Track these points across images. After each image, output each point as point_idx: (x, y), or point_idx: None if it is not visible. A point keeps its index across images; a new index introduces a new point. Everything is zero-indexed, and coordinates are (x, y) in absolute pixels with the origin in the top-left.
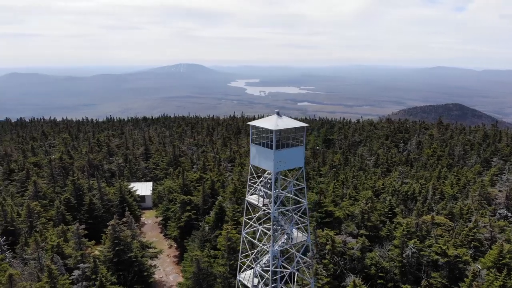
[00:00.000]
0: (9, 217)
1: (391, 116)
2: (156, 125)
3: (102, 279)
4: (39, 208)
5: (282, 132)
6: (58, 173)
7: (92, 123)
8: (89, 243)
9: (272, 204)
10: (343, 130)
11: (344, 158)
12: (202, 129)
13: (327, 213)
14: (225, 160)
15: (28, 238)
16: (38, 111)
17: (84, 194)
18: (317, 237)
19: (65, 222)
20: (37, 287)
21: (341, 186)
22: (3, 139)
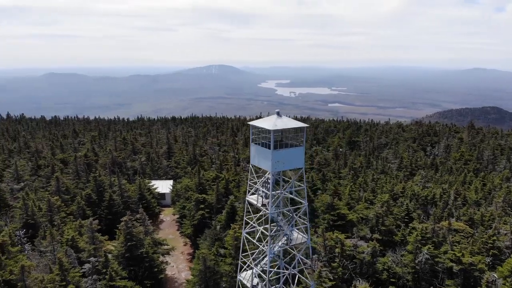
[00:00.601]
0: (30, 211)
1: (426, 119)
2: (183, 125)
3: (112, 273)
4: (60, 203)
5: (283, 132)
6: (82, 170)
7: (123, 122)
8: (102, 238)
9: (270, 204)
10: (369, 132)
11: (366, 161)
12: (226, 129)
13: (339, 215)
14: (244, 160)
15: (47, 232)
16: (74, 110)
17: (105, 191)
18: (325, 239)
19: (85, 217)
20: (48, 278)
21: (358, 189)
22: (36, 136)
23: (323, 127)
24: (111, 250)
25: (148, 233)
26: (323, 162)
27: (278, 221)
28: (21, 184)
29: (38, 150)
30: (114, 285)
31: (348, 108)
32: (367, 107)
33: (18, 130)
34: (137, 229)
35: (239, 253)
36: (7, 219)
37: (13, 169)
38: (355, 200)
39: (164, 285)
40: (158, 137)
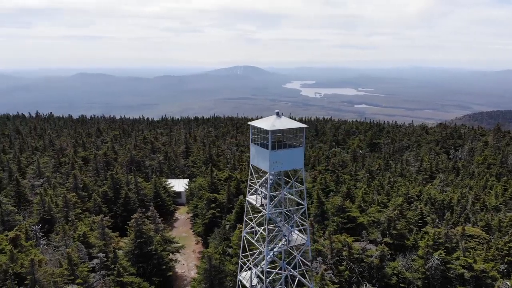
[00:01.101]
0: (46, 207)
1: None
2: (205, 125)
3: (120, 269)
4: (75, 199)
5: (284, 133)
6: (102, 168)
7: (146, 121)
8: (113, 234)
9: (268, 204)
10: (391, 134)
11: (385, 163)
12: (246, 130)
13: (349, 218)
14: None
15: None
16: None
17: (121, 188)
18: (332, 242)
19: (101, 214)
20: (57, 272)
21: (373, 192)
22: (62, 134)
23: (344, 128)
24: (122, 246)
25: (158, 230)
26: (340, 163)
27: (277, 222)
28: (40, 180)
29: (62, 148)
30: (122, 281)
31: (375, 109)
32: (394, 108)
33: (44, 128)
34: (147, 227)
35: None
36: (25, 214)
37: (35, 166)
38: (368, 203)
39: (173, 282)
40: (178, 136)
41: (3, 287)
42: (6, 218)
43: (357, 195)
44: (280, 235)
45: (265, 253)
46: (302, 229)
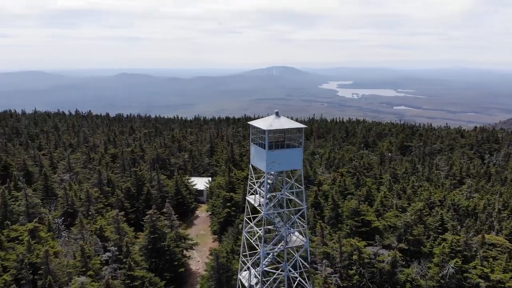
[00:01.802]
0: (70, 201)
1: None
2: (235, 125)
3: (131, 263)
4: (98, 194)
5: (280, 133)
6: (128, 164)
7: (179, 121)
8: (128, 229)
9: (264, 205)
10: (423, 137)
11: (412, 167)
12: None
13: (363, 222)
14: None
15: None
16: (143, 108)
17: (144, 185)
18: (342, 245)
19: (123, 209)
20: (70, 264)
21: (393, 196)
22: (96, 131)
23: (375, 130)
24: (137, 241)
25: (173, 227)
26: (366, 166)
27: (275, 222)
28: (67, 175)
29: (95, 144)
30: (132, 275)
31: (415, 111)
32: (435, 111)
33: (80, 126)
34: (161, 223)
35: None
36: (51, 207)
37: (66, 162)
38: (387, 207)
39: (186, 278)
40: (205, 136)
41: (19, 275)
42: (31, 211)
43: (377, 199)
44: (279, 235)
45: (261, 254)
46: (301, 231)
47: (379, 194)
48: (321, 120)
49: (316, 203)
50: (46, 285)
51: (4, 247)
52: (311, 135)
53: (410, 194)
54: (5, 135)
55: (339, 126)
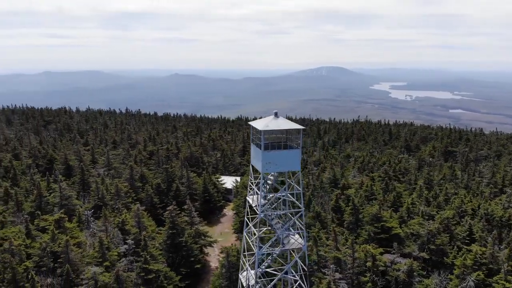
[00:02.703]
0: (100, 194)
1: None
2: None
3: (147, 257)
4: (127, 189)
5: (281, 134)
6: (162, 161)
7: (222, 120)
8: (149, 223)
9: (260, 205)
10: (470, 142)
11: (451, 173)
12: (313, 131)
13: (383, 228)
14: (312, 163)
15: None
16: (194, 108)
17: (173, 181)
18: (354, 251)
19: (152, 204)
20: (88, 254)
21: (421, 203)
22: (141, 129)
23: (421, 134)
24: (157, 236)
25: (193, 224)
26: (402, 171)
27: (272, 224)
28: (102, 169)
29: (138, 142)
30: (147, 268)
31: (471, 115)
32: (493, 115)
33: (127, 124)
34: (181, 219)
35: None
36: (85, 200)
37: (105, 157)
38: (414, 214)
39: (202, 275)
40: (239, 135)
41: (40, 262)
42: (64, 202)
43: (403, 205)
44: (274, 237)
45: (256, 255)
46: (300, 233)
47: (406, 200)
48: (366, 122)
49: (337, 207)
50: (64, 273)
51: (32, 236)
52: (351, 137)
53: (440, 202)
54: (57, 130)
55: (383, 128)
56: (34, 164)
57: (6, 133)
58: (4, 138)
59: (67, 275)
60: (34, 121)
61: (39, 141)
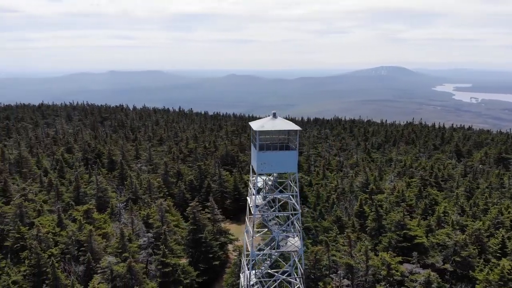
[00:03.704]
0: (133, 188)
1: None
2: (322, 126)
3: (165, 251)
4: (160, 184)
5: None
6: (198, 159)
7: None
8: (172, 218)
9: (254, 206)
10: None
11: (498, 181)
12: (360, 133)
13: (406, 237)
14: (349, 166)
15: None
16: (249, 108)
17: (206, 178)
18: (368, 258)
19: (184, 200)
20: (109, 245)
21: (457, 212)
22: (188, 128)
23: (475, 139)
24: (179, 230)
25: (215, 221)
26: (445, 177)
27: (268, 225)
28: (140, 165)
29: (182, 139)
30: (164, 261)
31: None
32: None
33: (177, 122)
34: (203, 215)
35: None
36: (121, 193)
37: (147, 153)
38: (445, 223)
39: (222, 272)
40: None
41: (65, 250)
42: (100, 194)
43: (435, 213)
44: (268, 239)
45: (251, 255)
46: (298, 236)
47: (437, 208)
48: (419, 124)
49: (360, 212)
50: (85, 261)
51: (63, 225)
52: (399, 141)
53: (476, 211)
54: (111, 127)
55: (436, 132)
56: (84, 157)
57: (64, 128)
58: (63, 132)
59: (88, 263)
60: (92, 117)
61: (93, 136)
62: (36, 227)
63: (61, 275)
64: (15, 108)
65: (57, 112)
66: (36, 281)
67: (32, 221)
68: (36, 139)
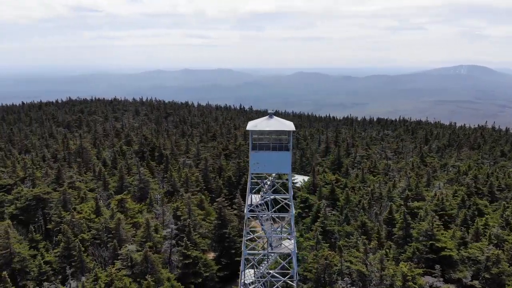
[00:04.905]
0: (172, 181)
1: None
2: (386, 127)
3: (187, 243)
4: (196, 179)
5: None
6: (240, 156)
7: (327, 120)
8: (199, 212)
9: (246, 205)
10: None
11: None
12: (420, 136)
13: (432, 248)
14: (396, 170)
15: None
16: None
17: (243, 175)
18: (383, 267)
19: (220, 195)
20: (136, 233)
21: (495, 224)
22: (242, 125)
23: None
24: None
25: (242, 218)
26: (502, 187)
27: (263, 226)
28: (184, 159)
29: (233, 136)
30: (186, 253)
31: None
32: None
33: (232, 119)
34: (229, 211)
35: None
36: (162, 185)
37: (196, 148)
38: (481, 236)
39: None
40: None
41: (97, 235)
42: (141, 185)
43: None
44: (260, 239)
45: (243, 254)
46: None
47: (476, 220)
48: (491, 129)
49: (389, 219)
50: (111, 247)
51: (100, 212)
52: (464, 145)
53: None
54: (173, 122)
55: (508, 138)
56: (140, 150)
57: (131, 122)
58: (129, 126)
59: (113, 250)
60: (157, 112)
61: (155, 130)
62: (71, 213)
63: (86, 258)
64: (90, 102)
65: (126, 107)
66: (66, 262)
67: (74, 207)
68: (104, 131)
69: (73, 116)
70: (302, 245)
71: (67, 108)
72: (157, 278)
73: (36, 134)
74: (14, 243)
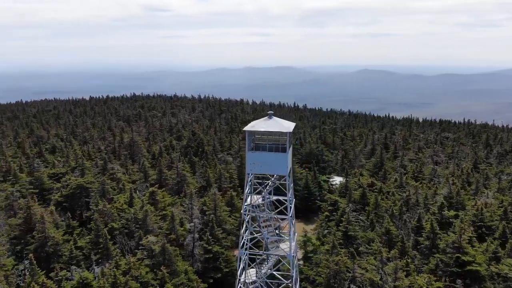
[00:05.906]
0: (206, 177)
1: None
2: (446, 129)
3: (209, 238)
4: (228, 175)
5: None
6: None
7: (385, 119)
8: (224, 208)
9: (243, 205)
10: None
11: None
12: (482, 140)
13: (458, 261)
14: (441, 176)
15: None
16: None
17: None
18: (397, 278)
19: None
20: (162, 225)
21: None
22: None
23: None
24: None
25: None
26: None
27: (261, 226)
28: (223, 155)
29: None
30: (206, 248)
31: None
32: None
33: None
34: None
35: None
36: (200, 179)
37: (238, 145)
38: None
39: None
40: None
41: (126, 225)
42: (178, 179)
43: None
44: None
45: (240, 253)
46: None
47: None
48: None
49: (417, 228)
50: (137, 237)
51: (132, 203)
52: None
53: None
54: (225, 119)
55: None
56: (188, 145)
57: (186, 118)
58: (184, 121)
59: (138, 240)
60: (212, 109)
61: (207, 126)
62: (103, 203)
63: (111, 246)
64: (151, 98)
65: (184, 104)
66: (95, 248)
67: (112, 197)
68: (160, 126)
69: (133, 111)
70: (319, 249)
71: (130, 103)
72: (174, 270)
73: (96, 127)
74: (50, 228)
